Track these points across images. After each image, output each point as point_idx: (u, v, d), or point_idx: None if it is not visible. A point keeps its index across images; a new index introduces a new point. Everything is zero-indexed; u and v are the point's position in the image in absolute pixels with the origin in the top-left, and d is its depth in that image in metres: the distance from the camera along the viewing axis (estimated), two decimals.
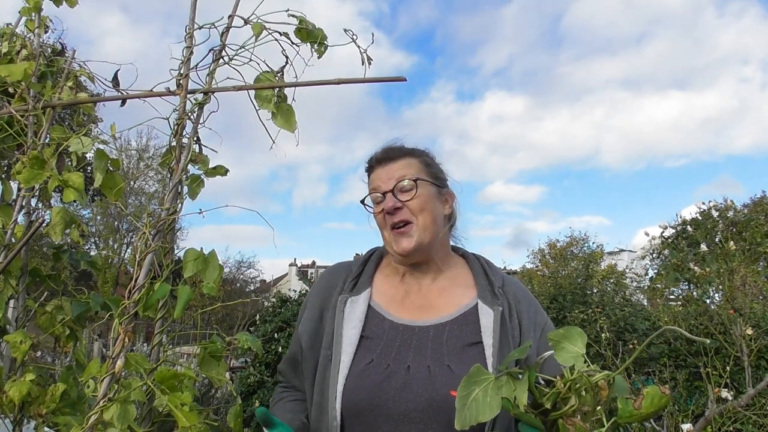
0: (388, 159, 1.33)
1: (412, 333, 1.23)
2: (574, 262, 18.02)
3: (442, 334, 1.21)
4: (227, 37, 1.14)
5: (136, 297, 0.99)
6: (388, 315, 1.27)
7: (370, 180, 1.35)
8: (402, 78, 1.10)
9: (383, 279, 1.36)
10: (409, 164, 1.31)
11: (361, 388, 1.16)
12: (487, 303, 1.23)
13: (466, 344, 1.19)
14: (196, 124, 1.11)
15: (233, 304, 16.60)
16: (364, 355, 1.20)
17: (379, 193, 1.30)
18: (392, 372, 1.17)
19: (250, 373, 5.59)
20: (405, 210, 1.26)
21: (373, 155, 1.36)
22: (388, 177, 1.30)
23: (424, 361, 1.17)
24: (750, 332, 3.78)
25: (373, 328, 1.25)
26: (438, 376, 1.14)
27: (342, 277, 1.35)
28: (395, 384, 1.15)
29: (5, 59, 1.37)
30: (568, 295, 6.32)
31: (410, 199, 1.27)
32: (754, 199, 10.37)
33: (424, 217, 1.27)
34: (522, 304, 1.26)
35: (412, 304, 1.29)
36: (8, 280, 1.27)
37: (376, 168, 1.33)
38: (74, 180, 1.17)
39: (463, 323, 1.23)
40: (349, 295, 1.29)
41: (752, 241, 6.46)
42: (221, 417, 4.69)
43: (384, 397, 1.14)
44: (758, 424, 3.73)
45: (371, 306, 1.29)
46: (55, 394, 1.15)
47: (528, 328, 1.23)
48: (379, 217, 1.30)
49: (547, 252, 22.97)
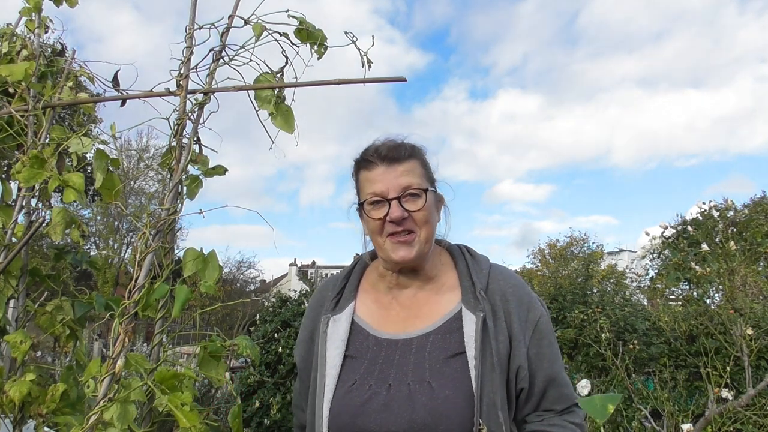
0: (393, 159, 1.22)
1: (396, 348, 1.21)
2: (574, 262, 18.02)
3: (425, 347, 1.19)
4: (227, 38, 1.14)
5: (136, 297, 0.99)
6: (372, 331, 1.25)
7: (367, 178, 1.25)
8: (402, 78, 1.10)
9: (369, 288, 1.32)
10: (413, 168, 1.23)
11: (344, 413, 1.15)
12: (470, 308, 1.19)
13: (449, 356, 1.16)
14: (196, 124, 1.11)
15: (233, 304, 16.60)
16: (348, 376, 1.19)
17: (382, 197, 1.21)
18: (374, 393, 1.15)
19: (250, 373, 5.59)
20: (410, 221, 1.20)
21: (373, 149, 1.25)
22: (394, 181, 1.21)
23: (405, 378, 1.15)
24: (750, 332, 3.78)
25: (357, 345, 1.23)
26: (418, 394, 1.12)
27: (329, 295, 1.32)
28: (376, 406, 1.14)
29: (5, 59, 1.37)
30: (568, 295, 6.32)
31: (417, 210, 1.20)
32: (755, 199, 10.35)
33: (427, 230, 1.22)
34: (511, 303, 1.21)
35: (397, 317, 1.26)
36: (8, 280, 1.27)
37: (379, 165, 1.23)
38: (74, 180, 1.17)
39: (447, 332, 1.20)
40: (331, 315, 1.26)
41: (752, 241, 6.46)
42: (221, 417, 4.69)
43: (366, 420, 1.13)
44: (758, 424, 3.73)
45: (355, 322, 1.26)
46: (55, 394, 1.15)
47: (519, 329, 1.19)
48: (377, 223, 1.21)
49: (547, 252, 22.96)
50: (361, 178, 1.26)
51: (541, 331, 1.20)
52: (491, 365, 1.13)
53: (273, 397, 5.23)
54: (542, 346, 1.19)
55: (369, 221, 1.23)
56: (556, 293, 6.54)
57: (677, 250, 6.21)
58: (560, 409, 1.19)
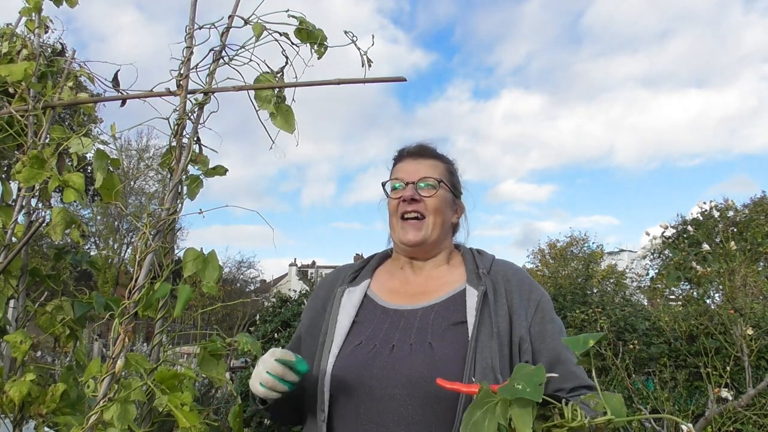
0: (419, 155, 1.40)
1: (401, 316, 1.29)
2: (574, 262, 18.04)
3: (429, 316, 1.27)
4: (227, 38, 1.14)
5: (136, 297, 0.99)
6: (381, 302, 1.34)
7: (395, 169, 1.42)
8: (401, 78, 1.10)
9: (385, 273, 1.42)
10: (435, 166, 1.39)
11: (349, 367, 1.21)
12: (473, 285, 1.29)
13: (451, 324, 1.24)
14: (196, 124, 1.11)
15: (233, 304, 16.60)
16: (354, 337, 1.27)
17: (402, 182, 1.36)
18: (377, 352, 1.22)
19: (250, 373, 5.58)
20: (422, 204, 1.33)
21: (405, 147, 1.44)
22: (415, 170, 1.37)
23: (408, 340, 1.23)
24: (750, 332, 3.78)
25: (366, 313, 1.32)
26: (418, 353, 1.19)
27: (347, 272, 1.43)
28: (379, 363, 1.20)
29: (5, 59, 1.37)
30: (568, 295, 6.31)
31: (429, 196, 1.34)
32: (754, 199, 10.36)
33: (436, 218, 1.34)
34: (512, 283, 1.30)
35: (407, 293, 1.35)
36: (8, 280, 1.27)
37: (406, 159, 1.41)
38: (74, 180, 1.17)
39: (450, 305, 1.28)
40: (347, 286, 1.37)
41: (753, 241, 6.45)
42: (221, 417, 4.69)
43: (368, 376, 1.19)
44: (758, 424, 3.72)
45: (367, 295, 1.36)
46: (55, 394, 1.15)
47: (520, 305, 1.26)
48: (394, 203, 1.36)
49: (547, 252, 22.98)
50: (392, 170, 1.44)
51: (543, 310, 1.29)
52: (489, 333, 1.19)
53: None
54: (544, 323, 1.27)
55: (389, 201, 1.39)
56: (556, 293, 6.53)
57: (677, 250, 6.20)
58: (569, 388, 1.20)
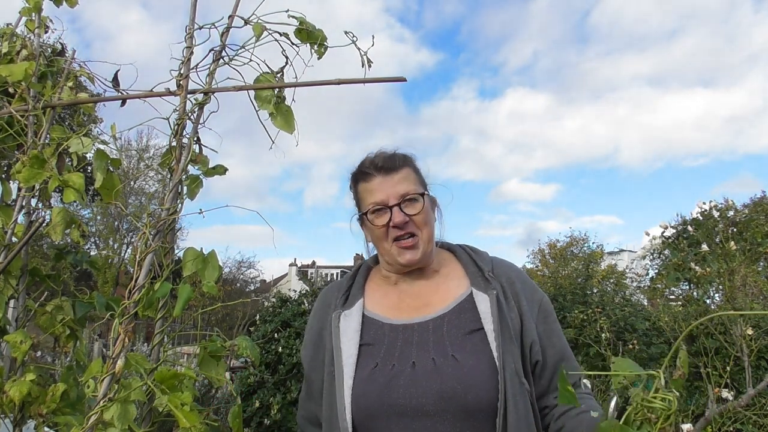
0: (389, 169, 1.32)
1: (412, 331, 1.25)
2: (574, 262, 18.03)
3: (442, 326, 1.24)
4: (227, 38, 1.14)
5: (136, 297, 0.99)
6: (385, 319, 1.29)
7: (365, 188, 1.33)
8: (402, 78, 1.10)
9: (375, 288, 1.38)
10: (408, 175, 1.33)
11: (370, 393, 1.18)
12: (480, 289, 1.26)
13: (467, 332, 1.22)
14: (196, 125, 1.11)
15: (233, 304, 16.59)
16: (367, 361, 1.23)
17: (383, 205, 1.29)
18: (398, 371, 1.19)
19: (250, 373, 5.58)
20: (411, 223, 1.29)
21: (369, 161, 1.34)
22: (392, 189, 1.29)
23: (428, 354, 1.20)
24: (750, 332, 3.78)
25: (372, 334, 1.27)
26: (444, 367, 1.17)
27: (335, 295, 1.37)
28: (403, 382, 1.17)
29: (5, 59, 1.37)
30: (568, 295, 6.31)
31: (416, 213, 1.29)
32: (754, 199, 10.36)
33: (427, 230, 1.31)
34: (517, 284, 1.29)
35: (408, 306, 1.31)
36: (8, 280, 1.27)
37: (376, 176, 1.31)
38: (74, 180, 1.17)
39: (461, 312, 1.26)
40: (341, 310, 1.31)
41: (753, 241, 6.45)
42: (221, 417, 4.69)
43: (394, 396, 1.16)
44: (758, 424, 3.73)
45: (366, 315, 1.31)
46: (55, 394, 1.15)
47: (528, 308, 1.26)
48: (382, 230, 1.29)
49: (547, 252, 22.98)
50: (360, 189, 1.35)
51: (546, 310, 1.30)
52: (509, 338, 1.19)
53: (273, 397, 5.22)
54: (549, 322, 1.28)
55: (373, 229, 1.32)
56: (556, 293, 6.53)
57: (677, 250, 6.20)
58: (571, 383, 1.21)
